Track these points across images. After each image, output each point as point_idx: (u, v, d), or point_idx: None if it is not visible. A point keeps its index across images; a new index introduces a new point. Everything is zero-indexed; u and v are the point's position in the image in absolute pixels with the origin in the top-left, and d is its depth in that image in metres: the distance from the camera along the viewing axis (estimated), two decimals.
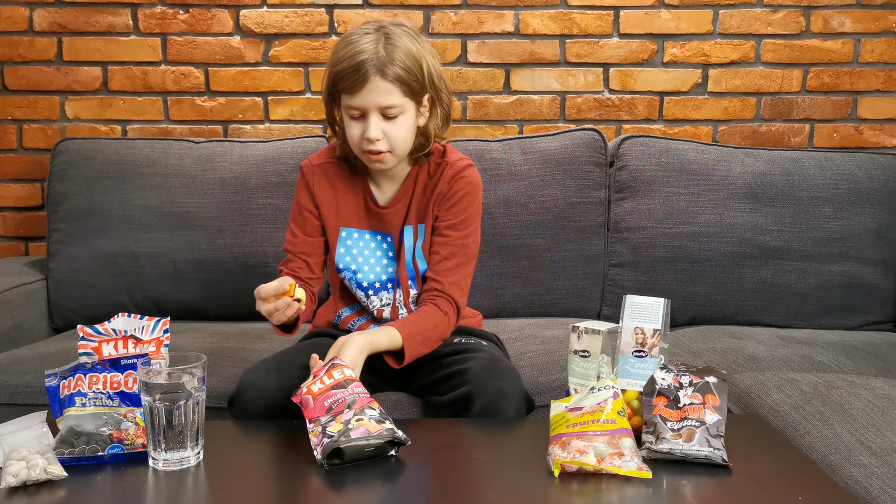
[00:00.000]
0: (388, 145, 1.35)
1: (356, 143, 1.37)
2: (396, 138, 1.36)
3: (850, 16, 2.26)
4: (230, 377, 1.51)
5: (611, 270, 2.04)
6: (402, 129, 1.36)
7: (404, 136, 1.37)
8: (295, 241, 1.48)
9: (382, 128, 1.34)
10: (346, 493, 0.97)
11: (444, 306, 1.40)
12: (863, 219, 1.99)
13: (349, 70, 1.31)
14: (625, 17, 2.26)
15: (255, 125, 2.30)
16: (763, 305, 2.00)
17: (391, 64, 1.31)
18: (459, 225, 1.44)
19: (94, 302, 2.00)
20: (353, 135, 1.36)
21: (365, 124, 1.34)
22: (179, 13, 2.24)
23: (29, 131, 2.29)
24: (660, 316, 1.15)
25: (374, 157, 1.36)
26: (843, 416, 1.23)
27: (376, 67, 1.31)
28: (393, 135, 1.35)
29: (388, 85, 1.32)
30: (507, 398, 1.25)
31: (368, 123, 1.33)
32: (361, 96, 1.32)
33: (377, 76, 1.31)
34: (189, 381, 1.00)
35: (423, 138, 1.42)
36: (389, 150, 1.36)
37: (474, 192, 1.46)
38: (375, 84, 1.31)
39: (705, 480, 0.98)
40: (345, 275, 1.48)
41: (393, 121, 1.35)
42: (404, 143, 1.38)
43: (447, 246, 1.43)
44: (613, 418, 1.00)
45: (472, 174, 1.46)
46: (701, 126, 2.31)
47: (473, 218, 1.46)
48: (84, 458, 1.02)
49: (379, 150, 1.35)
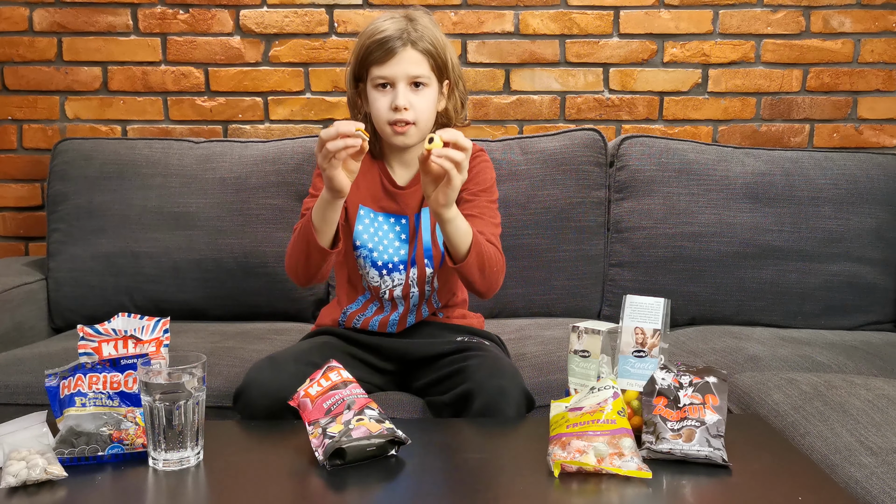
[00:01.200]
0: (415, 116, 1.40)
1: (382, 114, 1.40)
2: (422, 110, 1.41)
3: (850, 16, 2.26)
4: (230, 376, 1.52)
5: (611, 270, 2.04)
6: (428, 102, 1.42)
7: (429, 109, 1.43)
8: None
9: (409, 98, 1.39)
10: (346, 493, 0.97)
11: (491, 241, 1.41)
12: (863, 219, 1.99)
13: (381, 41, 1.38)
14: (625, 17, 2.26)
15: (255, 125, 2.30)
16: (763, 305, 2.00)
17: (420, 40, 1.39)
18: (483, 192, 1.47)
19: (94, 302, 2.00)
20: (380, 106, 1.40)
21: (393, 94, 1.39)
22: (179, 13, 2.25)
23: (29, 131, 2.29)
24: (660, 316, 1.15)
25: (400, 128, 1.40)
26: (843, 416, 1.23)
27: (407, 39, 1.38)
28: (419, 106, 1.40)
29: (417, 55, 1.39)
30: (507, 396, 1.25)
31: (397, 92, 1.38)
32: (392, 66, 1.38)
33: (408, 46, 1.38)
34: (189, 381, 1.00)
35: (444, 120, 1.48)
36: (414, 122, 1.40)
37: (489, 169, 1.51)
38: (406, 53, 1.38)
39: (705, 480, 0.98)
40: (361, 252, 1.48)
41: (419, 92, 1.40)
42: (428, 117, 1.43)
43: (476, 207, 1.45)
44: (613, 418, 1.00)
45: (484, 156, 1.52)
46: (701, 126, 2.31)
47: (493, 190, 1.50)
48: (84, 458, 1.02)
49: (406, 119, 1.39)
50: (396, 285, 1.48)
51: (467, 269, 1.34)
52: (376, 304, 1.51)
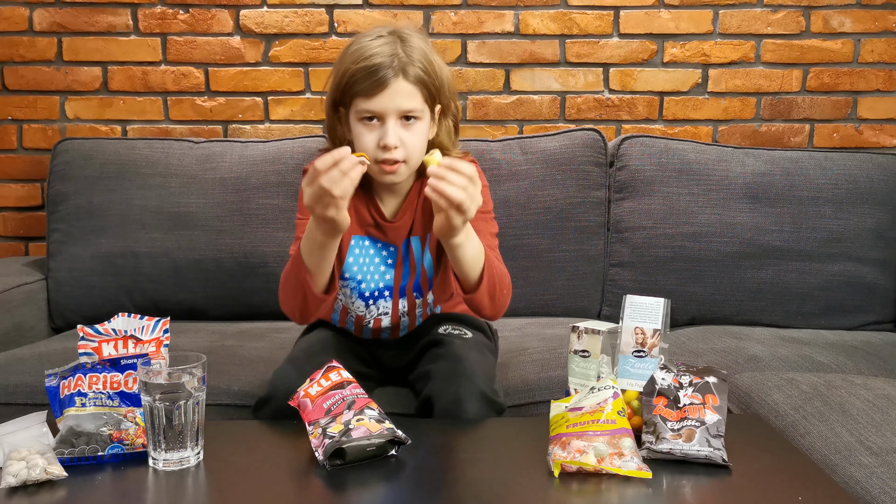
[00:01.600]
0: (405, 154, 1.27)
1: (369, 150, 1.26)
2: (413, 147, 1.28)
3: (850, 16, 2.26)
4: (231, 375, 1.53)
5: (611, 270, 2.04)
6: (419, 137, 1.29)
7: (421, 144, 1.30)
8: None
9: (400, 135, 1.26)
10: (346, 493, 0.97)
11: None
12: (863, 219, 1.99)
13: (368, 71, 1.23)
14: (625, 17, 2.26)
15: (255, 125, 2.30)
16: (763, 305, 2.00)
17: (412, 65, 1.25)
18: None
19: (94, 302, 2.00)
20: (367, 142, 1.27)
21: (381, 131, 1.26)
22: (179, 13, 2.24)
23: (29, 131, 2.29)
24: (660, 316, 1.15)
25: (389, 167, 1.27)
26: (843, 416, 1.23)
27: (398, 68, 1.24)
28: (410, 143, 1.27)
29: (410, 87, 1.25)
30: (463, 403, 1.22)
31: (386, 129, 1.25)
32: (381, 99, 1.24)
33: (399, 77, 1.24)
34: (189, 381, 1.00)
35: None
36: (405, 160, 1.28)
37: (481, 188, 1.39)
38: (398, 86, 1.24)
39: (705, 480, 0.98)
40: (349, 283, 1.40)
41: (411, 127, 1.27)
42: (420, 152, 1.30)
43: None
44: (613, 418, 1.00)
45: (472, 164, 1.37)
46: (701, 126, 2.31)
47: (486, 200, 1.35)
48: (84, 458, 1.02)
49: (395, 158, 1.26)
50: (382, 314, 1.42)
51: (478, 300, 1.25)
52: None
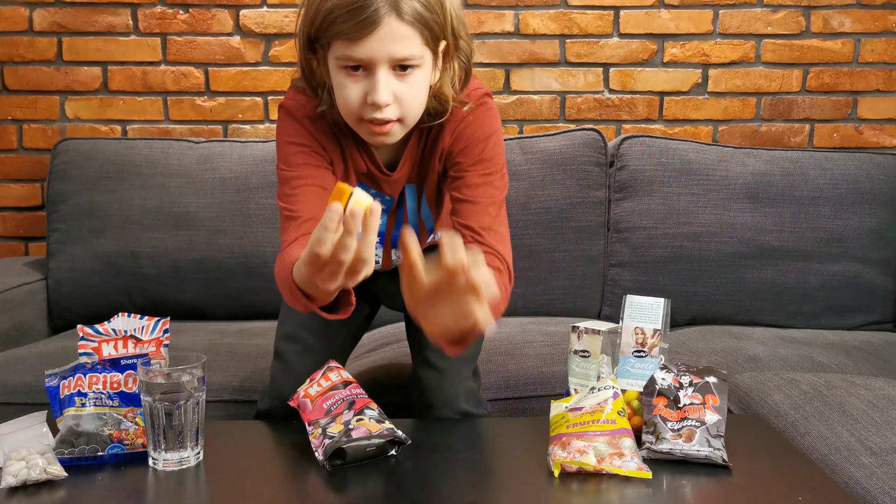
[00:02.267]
0: (399, 111, 1.03)
1: (354, 108, 1.03)
2: (411, 102, 1.04)
3: (850, 16, 2.25)
4: (231, 371, 1.54)
5: (611, 270, 2.04)
6: (419, 90, 1.04)
7: (420, 98, 1.05)
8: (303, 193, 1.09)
9: (394, 88, 1.01)
10: (346, 494, 0.97)
11: (491, 262, 1.05)
12: (863, 219, 1.99)
13: (351, 7, 0.97)
14: (625, 17, 2.26)
15: (255, 125, 2.30)
16: (763, 305, 2.00)
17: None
18: (476, 166, 1.13)
19: (94, 302, 2.00)
20: (350, 98, 1.02)
21: (369, 83, 1.01)
22: (179, 13, 2.24)
23: (29, 131, 2.29)
24: (660, 316, 1.15)
25: (378, 128, 1.04)
26: (843, 416, 1.23)
27: (390, 4, 0.97)
28: (406, 97, 1.03)
29: (405, 28, 0.99)
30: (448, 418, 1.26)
31: (376, 82, 1.00)
32: (368, 44, 0.98)
33: (392, 16, 0.97)
34: (189, 381, 1.00)
35: (436, 102, 1.10)
36: (399, 119, 1.04)
37: (485, 138, 1.13)
38: (390, 27, 0.98)
39: (705, 481, 0.98)
40: None
41: (406, 78, 1.02)
42: (418, 108, 1.07)
43: (467, 188, 1.12)
44: (613, 418, 1.00)
45: (479, 118, 1.13)
46: (701, 126, 2.31)
47: (493, 160, 1.13)
48: (84, 458, 1.02)
49: (387, 118, 1.03)
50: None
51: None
52: None
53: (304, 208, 1.08)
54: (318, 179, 1.11)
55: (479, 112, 1.13)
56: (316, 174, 1.11)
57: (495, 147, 1.14)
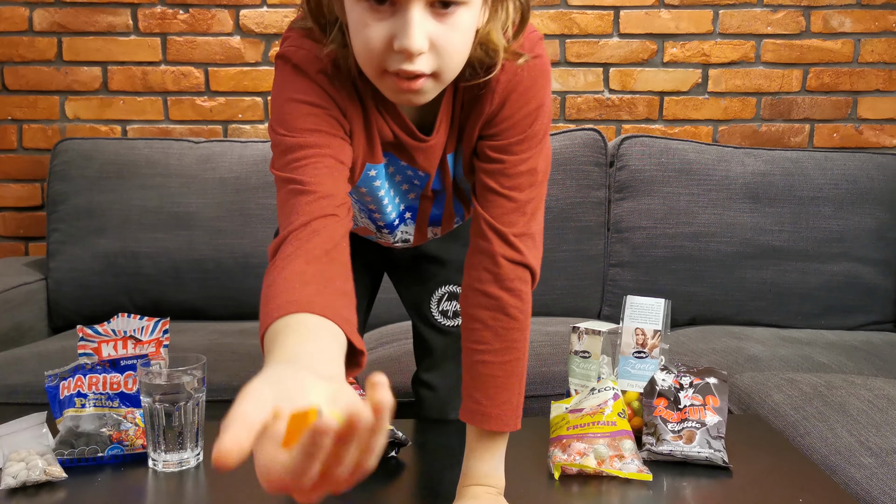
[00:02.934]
0: (435, 63, 0.78)
1: (375, 55, 0.78)
2: (451, 51, 0.79)
3: (850, 16, 2.25)
4: (231, 371, 1.53)
5: (611, 270, 2.04)
6: (462, 36, 0.79)
7: (463, 47, 0.81)
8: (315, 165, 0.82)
9: (430, 32, 0.76)
10: (346, 495, 0.96)
11: (513, 307, 0.94)
12: (863, 219, 1.99)
13: None
14: (625, 17, 2.25)
15: (255, 125, 2.30)
16: (763, 305, 2.00)
17: None
18: (521, 145, 0.91)
19: (94, 302, 2.00)
20: (372, 41, 0.77)
21: (398, 23, 0.75)
22: (179, 13, 2.24)
23: (29, 131, 2.28)
24: (660, 317, 1.15)
25: (407, 83, 0.78)
26: (843, 417, 1.23)
27: None
28: (446, 44, 0.78)
29: None
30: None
31: (407, 22, 0.74)
32: None
33: None
34: (189, 382, 1.00)
35: (481, 52, 0.85)
36: (434, 73, 0.79)
37: (538, 107, 0.90)
38: None
39: (706, 482, 0.98)
40: (358, 208, 1.05)
41: (448, 18, 0.77)
42: (459, 60, 0.81)
43: (506, 178, 0.91)
44: (614, 420, 1.00)
45: (534, 79, 0.90)
46: (701, 126, 2.31)
47: (539, 136, 0.91)
48: (84, 459, 1.02)
49: (419, 71, 0.77)
50: (401, 240, 1.10)
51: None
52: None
53: (318, 181, 0.81)
54: (335, 151, 0.84)
55: (534, 70, 0.89)
56: (333, 144, 0.84)
57: (546, 118, 0.92)
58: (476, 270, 0.92)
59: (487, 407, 0.90)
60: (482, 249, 0.91)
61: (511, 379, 0.92)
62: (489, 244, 0.90)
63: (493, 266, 0.90)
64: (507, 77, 0.88)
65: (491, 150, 0.91)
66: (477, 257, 0.92)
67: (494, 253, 0.90)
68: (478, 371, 0.91)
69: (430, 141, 0.92)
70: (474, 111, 0.91)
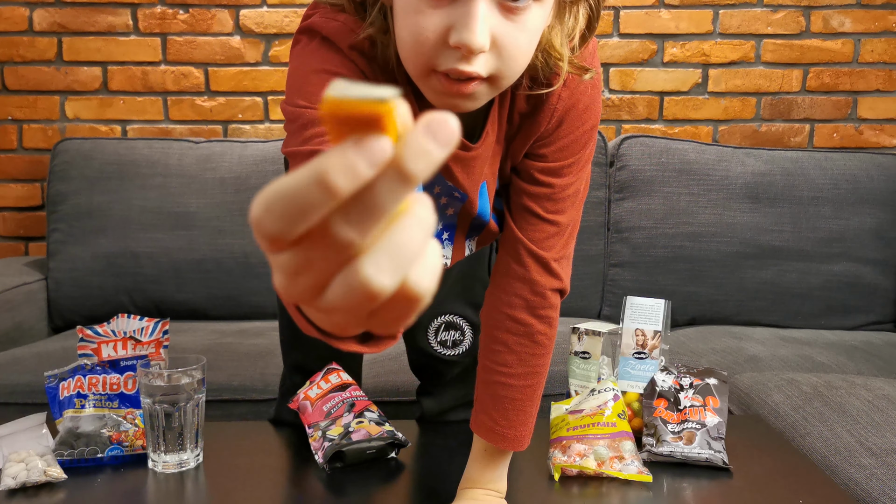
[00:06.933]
0: (494, 66, 0.68)
1: (426, 48, 0.67)
2: (514, 54, 0.69)
3: (850, 16, 2.25)
4: (231, 371, 1.54)
5: (611, 270, 2.04)
6: (528, 37, 0.69)
7: (527, 50, 0.71)
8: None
9: (494, 28, 0.66)
10: (346, 496, 0.97)
11: (541, 334, 0.88)
12: (863, 219, 1.99)
13: None
14: (625, 17, 2.25)
15: (255, 125, 2.30)
16: (763, 305, 2.00)
17: None
18: (570, 168, 0.85)
19: (94, 302, 2.00)
20: (424, 31, 0.66)
21: (458, 13, 0.65)
22: (179, 13, 2.24)
23: (29, 131, 2.28)
24: (660, 317, 1.15)
25: (458, 86, 0.68)
26: (843, 417, 1.23)
27: None
28: (510, 46, 0.68)
29: None
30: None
31: (470, 14, 0.64)
32: None
33: None
34: (189, 383, 1.00)
35: (542, 59, 0.76)
36: (491, 77, 0.69)
37: (591, 129, 0.85)
38: None
39: (706, 483, 0.98)
40: None
41: (517, 16, 0.67)
42: (521, 65, 0.71)
43: (551, 202, 0.86)
44: (614, 421, 1.00)
45: (593, 99, 0.84)
46: (701, 126, 2.31)
47: (586, 159, 0.87)
48: (83, 460, 1.02)
49: (475, 73, 0.67)
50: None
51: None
52: None
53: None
54: None
55: (594, 87, 0.82)
56: None
57: (594, 141, 0.87)
58: (507, 295, 0.87)
59: (505, 428, 0.88)
60: (517, 275, 0.86)
61: (530, 402, 0.90)
62: (526, 271, 0.85)
63: (528, 294, 0.86)
64: (567, 92, 0.81)
65: (539, 173, 0.85)
66: (508, 281, 0.87)
67: (532, 281, 0.85)
68: (497, 392, 0.88)
69: (475, 151, 0.81)
70: (526, 127, 0.83)
